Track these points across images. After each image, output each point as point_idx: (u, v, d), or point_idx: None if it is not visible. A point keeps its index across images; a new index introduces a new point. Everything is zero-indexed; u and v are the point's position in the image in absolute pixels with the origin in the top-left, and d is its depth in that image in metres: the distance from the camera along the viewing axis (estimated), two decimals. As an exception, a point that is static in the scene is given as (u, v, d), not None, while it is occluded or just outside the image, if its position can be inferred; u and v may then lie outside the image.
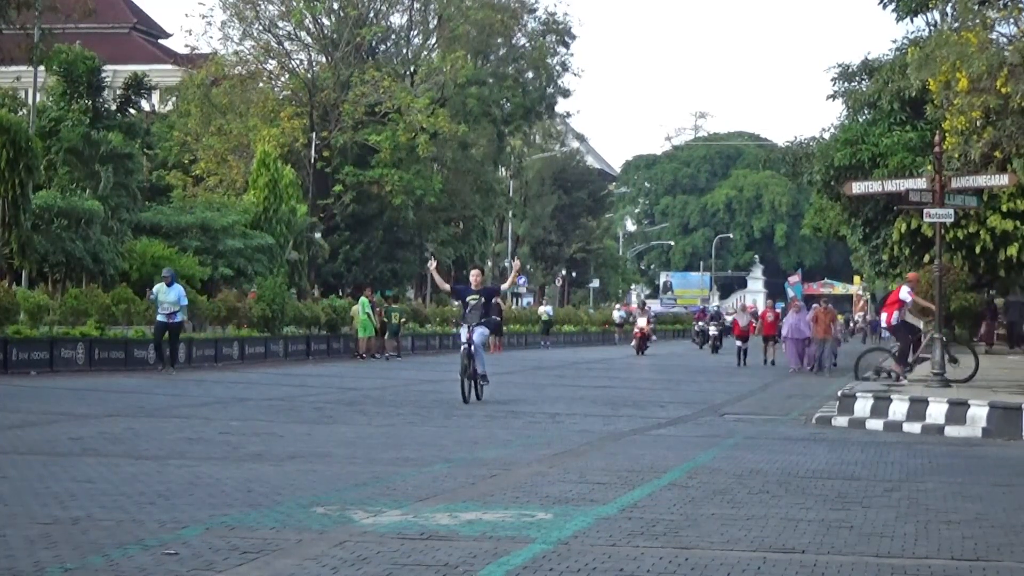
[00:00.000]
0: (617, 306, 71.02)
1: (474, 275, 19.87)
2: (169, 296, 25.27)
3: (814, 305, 34.11)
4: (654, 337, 43.98)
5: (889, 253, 35.11)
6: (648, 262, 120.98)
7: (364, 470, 10.82)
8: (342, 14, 53.00)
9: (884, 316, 22.10)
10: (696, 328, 54.98)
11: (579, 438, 14.31)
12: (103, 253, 33.93)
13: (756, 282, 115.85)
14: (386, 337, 37.17)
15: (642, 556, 7.16)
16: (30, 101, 42.40)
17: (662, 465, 11.66)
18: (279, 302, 34.31)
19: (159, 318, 25.42)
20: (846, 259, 78.44)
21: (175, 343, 25.91)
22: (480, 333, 18.87)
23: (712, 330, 47.49)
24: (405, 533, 7.74)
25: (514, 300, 72.06)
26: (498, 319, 40.76)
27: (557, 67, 60.54)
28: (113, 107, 40.38)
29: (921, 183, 19.59)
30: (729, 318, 58.98)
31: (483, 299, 19.21)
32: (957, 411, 15.88)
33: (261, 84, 53.25)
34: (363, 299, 36.48)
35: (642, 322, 45.29)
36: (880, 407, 16.94)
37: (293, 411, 17.31)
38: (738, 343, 37.26)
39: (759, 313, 42.86)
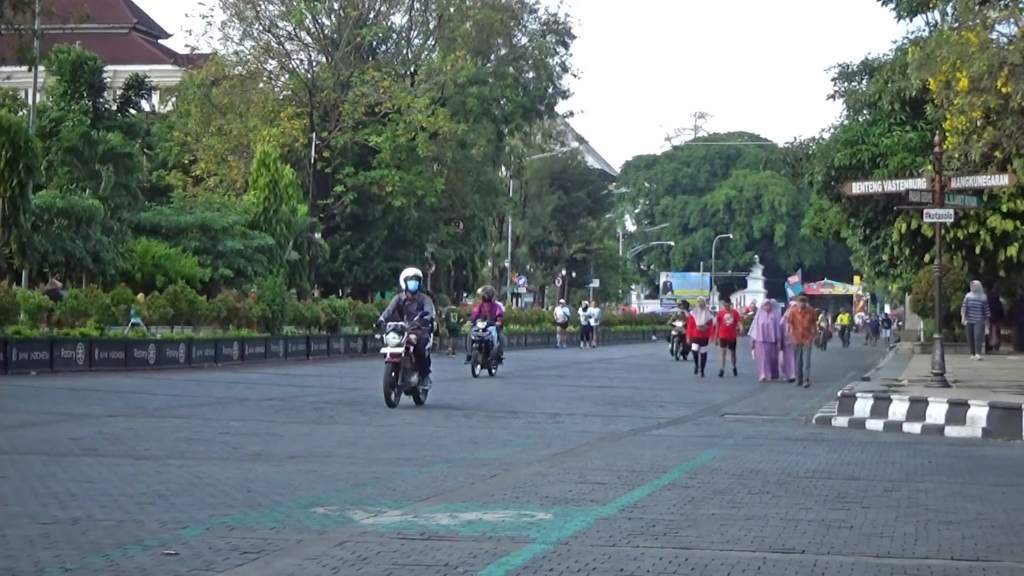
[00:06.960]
0: (562, 301, 64.13)
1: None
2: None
3: (791, 303, 28.76)
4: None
5: (889, 253, 35.09)
6: (648, 262, 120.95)
7: (364, 470, 10.82)
8: (342, 14, 52.96)
9: None
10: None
11: (579, 438, 14.31)
12: (103, 253, 33.91)
13: (756, 282, 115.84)
14: (444, 336, 38.83)
15: (642, 556, 7.16)
16: (30, 101, 42.39)
17: (662, 465, 11.66)
18: (279, 302, 34.34)
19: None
20: (846, 259, 78.41)
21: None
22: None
23: (481, 333, 26.75)
24: (405, 533, 7.74)
25: (514, 300, 71.99)
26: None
27: (557, 67, 60.51)
28: (113, 107, 40.38)
29: (921, 183, 19.61)
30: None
31: None
32: (957, 411, 15.88)
33: (261, 84, 53.19)
34: None
35: None
36: (880, 407, 16.94)
37: (293, 411, 17.31)
38: (694, 347, 30.63)
39: (731, 313, 31.81)
